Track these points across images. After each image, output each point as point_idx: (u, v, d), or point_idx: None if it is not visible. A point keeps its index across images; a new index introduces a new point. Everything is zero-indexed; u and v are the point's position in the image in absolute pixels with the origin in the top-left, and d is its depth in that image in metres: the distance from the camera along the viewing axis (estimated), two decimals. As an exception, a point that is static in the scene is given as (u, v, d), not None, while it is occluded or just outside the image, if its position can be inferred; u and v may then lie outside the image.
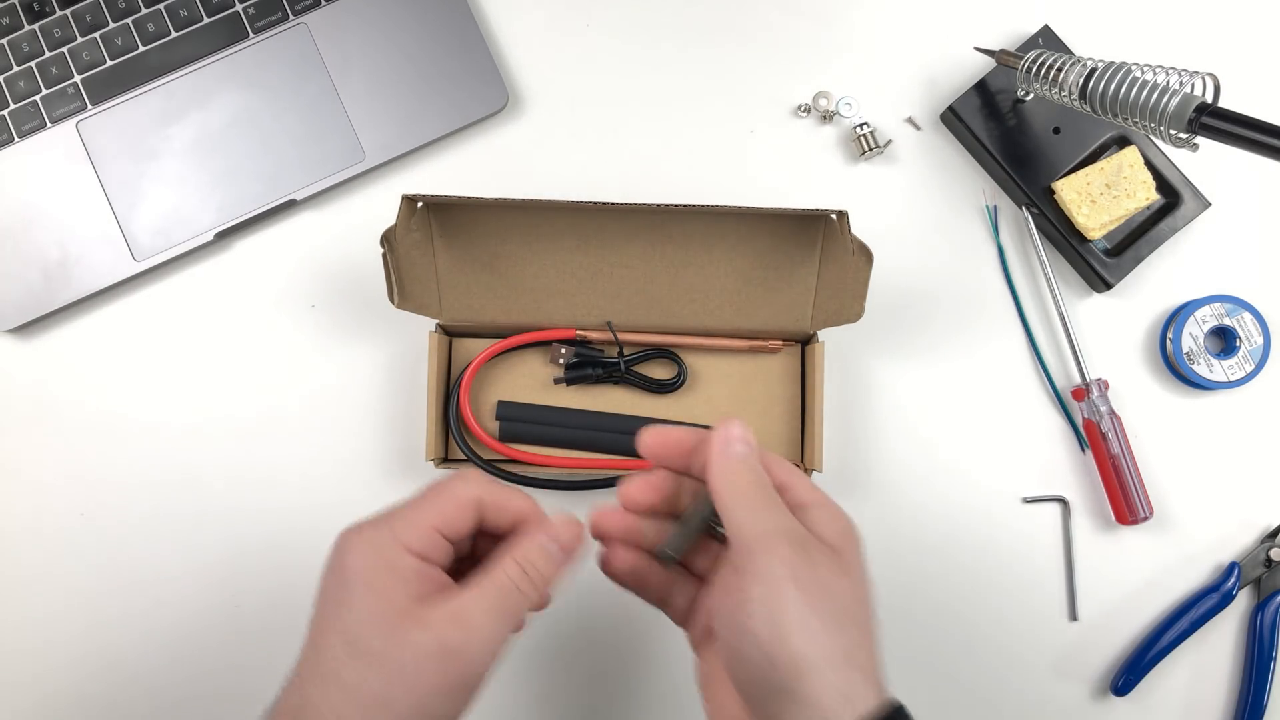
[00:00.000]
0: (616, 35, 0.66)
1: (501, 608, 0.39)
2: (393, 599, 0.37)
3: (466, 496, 0.40)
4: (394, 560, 0.38)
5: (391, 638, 0.37)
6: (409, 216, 0.55)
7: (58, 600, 0.61)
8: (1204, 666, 0.62)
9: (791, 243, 0.59)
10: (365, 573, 0.38)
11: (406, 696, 0.36)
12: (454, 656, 0.37)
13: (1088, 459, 0.63)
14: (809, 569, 0.38)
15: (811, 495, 0.42)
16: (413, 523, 0.39)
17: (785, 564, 0.38)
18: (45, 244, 0.62)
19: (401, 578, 0.38)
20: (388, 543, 0.38)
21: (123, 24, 0.64)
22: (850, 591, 0.39)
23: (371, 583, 0.37)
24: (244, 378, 0.63)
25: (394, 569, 0.38)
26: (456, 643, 0.37)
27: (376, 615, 0.37)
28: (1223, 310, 0.63)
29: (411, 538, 0.38)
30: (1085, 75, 0.55)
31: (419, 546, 0.39)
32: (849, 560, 0.40)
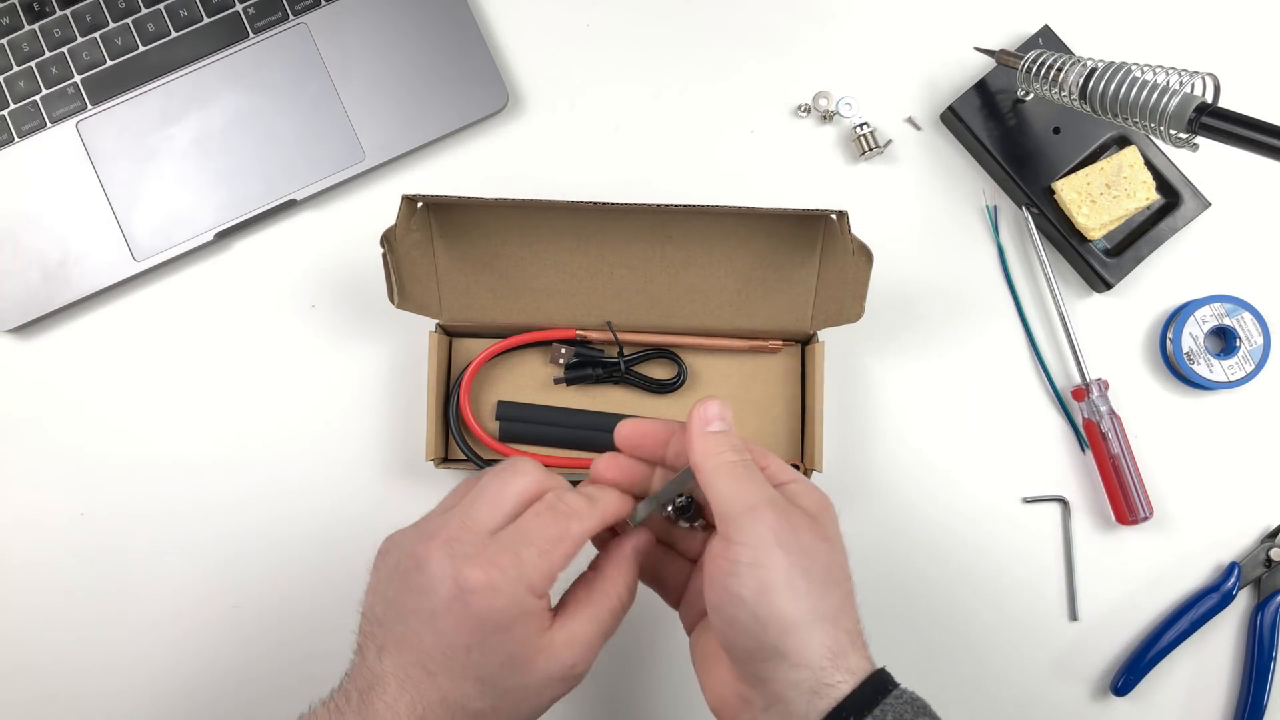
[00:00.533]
0: (616, 35, 0.66)
1: (611, 628, 0.43)
2: (531, 640, 0.40)
3: (587, 536, 0.42)
4: (527, 607, 0.40)
5: (527, 675, 0.40)
6: (409, 216, 0.55)
7: (57, 600, 0.61)
8: (1204, 666, 0.62)
9: (791, 243, 0.59)
10: (507, 617, 0.39)
11: (523, 711, 0.41)
12: (575, 677, 0.41)
13: (1088, 459, 0.63)
14: (792, 534, 0.40)
15: (787, 474, 0.44)
16: (546, 572, 0.40)
17: (770, 529, 0.39)
18: (45, 244, 0.62)
19: (537, 621, 0.40)
20: (522, 593, 0.39)
21: (123, 24, 0.64)
22: (831, 556, 0.41)
23: (513, 628, 0.39)
24: (244, 378, 0.63)
25: (528, 615, 0.40)
26: (580, 667, 0.41)
27: (515, 657, 0.40)
28: (1223, 310, 0.63)
29: (543, 585, 0.40)
30: (1085, 75, 0.55)
31: (546, 590, 0.41)
32: (828, 528, 0.42)
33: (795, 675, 0.38)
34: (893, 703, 0.38)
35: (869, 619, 0.61)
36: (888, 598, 0.62)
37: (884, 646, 0.41)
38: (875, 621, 0.61)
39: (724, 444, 0.42)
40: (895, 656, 0.43)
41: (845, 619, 0.40)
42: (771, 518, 0.40)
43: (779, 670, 0.39)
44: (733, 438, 0.43)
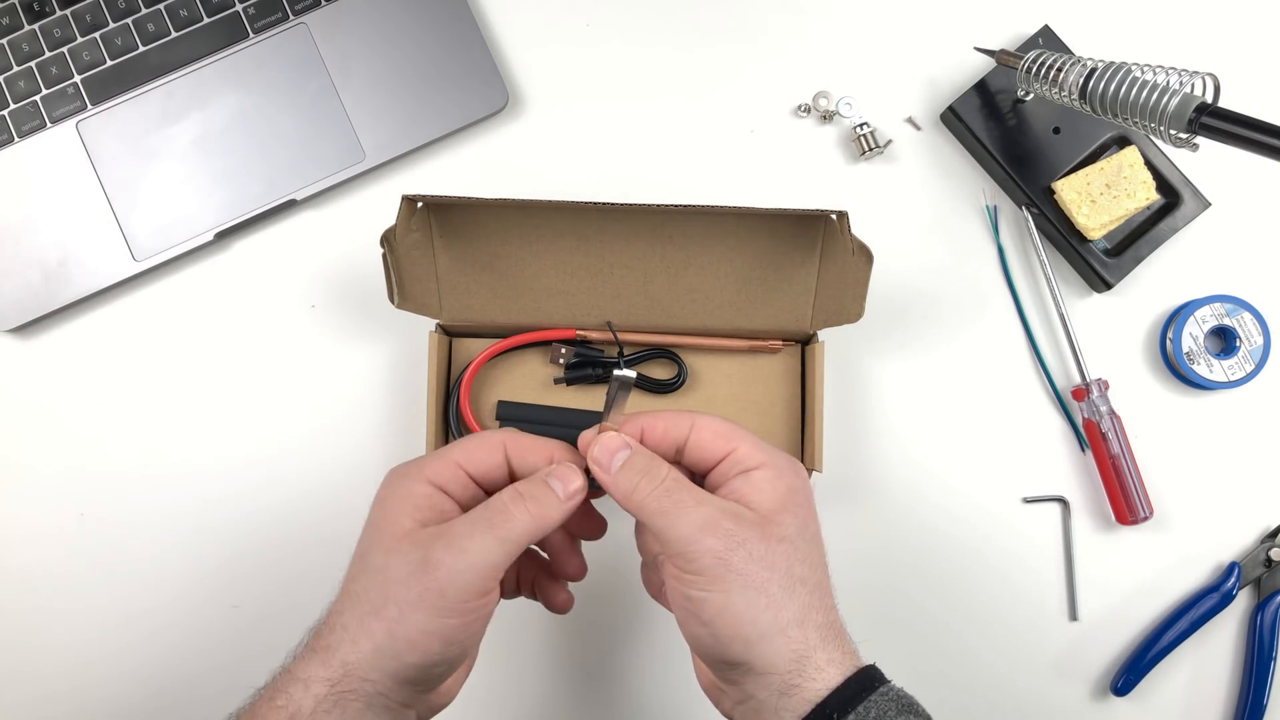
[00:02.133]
0: (616, 35, 0.66)
1: (488, 527, 0.40)
2: (399, 521, 0.40)
3: (494, 439, 0.43)
4: (411, 488, 0.41)
5: (388, 553, 0.40)
6: (409, 216, 0.55)
7: (57, 600, 0.61)
8: (1204, 666, 0.62)
9: (791, 243, 0.59)
10: (385, 499, 0.41)
11: (394, 605, 0.39)
12: (434, 567, 0.39)
13: (1088, 459, 0.63)
14: (740, 551, 0.39)
15: (753, 457, 0.42)
16: (439, 457, 0.42)
17: (714, 555, 0.39)
18: (45, 244, 0.62)
19: (413, 504, 0.41)
20: (412, 472, 0.42)
21: (123, 24, 0.64)
22: (791, 555, 0.40)
23: (387, 507, 0.41)
24: (244, 378, 0.63)
25: (409, 495, 0.41)
26: (435, 555, 0.39)
27: (383, 534, 0.40)
28: (1223, 310, 0.63)
29: (433, 470, 0.41)
30: (1085, 75, 0.55)
31: (438, 479, 0.41)
32: (784, 525, 0.40)
33: (763, 680, 0.39)
34: (877, 700, 0.38)
35: (869, 619, 0.62)
36: (887, 597, 0.62)
37: (884, 646, 0.41)
38: (875, 621, 0.61)
39: (634, 477, 0.41)
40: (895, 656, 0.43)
41: (815, 614, 0.40)
42: (713, 543, 0.39)
43: (747, 677, 0.40)
44: (639, 461, 0.42)
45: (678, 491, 0.41)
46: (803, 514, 0.41)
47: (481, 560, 0.39)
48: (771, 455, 0.42)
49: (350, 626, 0.40)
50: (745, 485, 0.41)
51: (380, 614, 0.39)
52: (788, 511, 0.41)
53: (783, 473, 0.42)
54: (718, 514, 0.40)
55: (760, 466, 0.41)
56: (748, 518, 0.40)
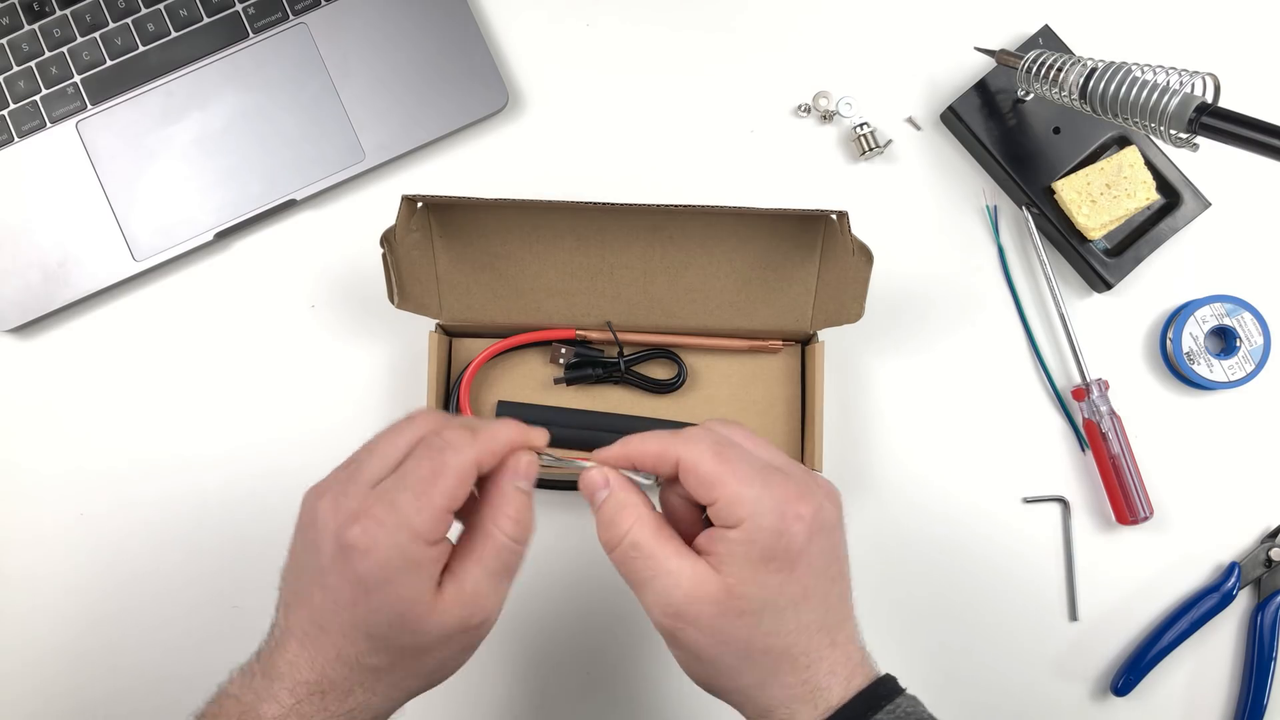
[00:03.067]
0: (616, 35, 0.66)
1: (504, 570, 0.40)
2: (418, 597, 0.38)
3: (466, 467, 0.38)
4: (416, 557, 0.37)
5: (416, 634, 0.38)
6: (409, 216, 0.55)
7: (58, 600, 0.61)
8: (1204, 666, 0.62)
9: (791, 243, 0.59)
10: (387, 573, 0.37)
11: (431, 666, 0.40)
12: (475, 630, 0.39)
13: (1088, 459, 0.63)
14: (690, 631, 0.38)
15: (732, 513, 0.38)
16: (427, 514, 0.37)
17: (667, 631, 0.39)
18: (45, 244, 0.62)
19: (425, 574, 0.38)
20: (407, 541, 0.37)
21: (123, 24, 0.64)
22: (756, 627, 0.38)
23: (396, 585, 0.37)
24: (244, 378, 0.63)
25: (418, 567, 0.37)
26: (476, 619, 0.39)
27: (407, 617, 0.38)
28: (1223, 310, 0.63)
29: (428, 529, 0.37)
30: (1085, 75, 0.55)
31: (436, 535, 0.38)
32: (751, 596, 0.38)
33: (758, 711, 0.40)
34: (883, 718, 0.38)
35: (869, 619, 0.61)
36: (888, 597, 0.62)
37: (883, 646, 0.41)
38: (875, 621, 0.61)
39: (603, 527, 0.40)
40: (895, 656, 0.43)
41: (784, 675, 0.39)
42: (665, 621, 0.38)
43: (744, 706, 0.40)
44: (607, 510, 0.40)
45: (634, 560, 0.39)
46: (778, 580, 0.38)
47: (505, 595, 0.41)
48: (757, 509, 0.37)
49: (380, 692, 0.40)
50: (719, 544, 0.38)
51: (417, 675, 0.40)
52: (754, 583, 0.38)
53: (761, 535, 0.37)
54: (671, 588, 0.38)
55: (737, 525, 0.38)
56: (707, 589, 0.38)
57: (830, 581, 0.40)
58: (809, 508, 0.38)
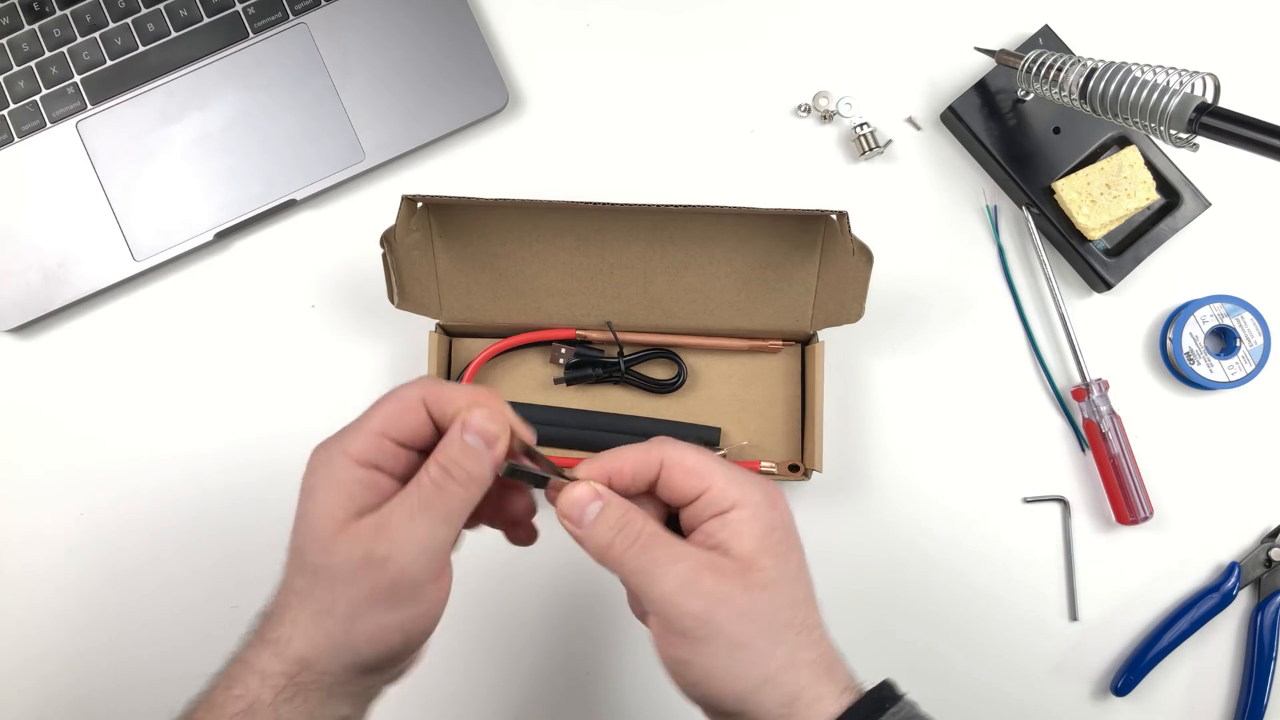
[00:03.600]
0: (616, 35, 0.66)
1: (426, 510, 0.38)
2: (333, 513, 0.38)
3: (410, 396, 0.39)
4: (340, 473, 0.38)
5: (326, 551, 0.38)
6: (409, 216, 0.55)
7: (57, 599, 0.61)
8: (1204, 666, 0.62)
9: (791, 243, 0.59)
10: (316, 488, 0.39)
11: (344, 605, 0.37)
12: (381, 564, 0.37)
13: (1088, 459, 0.63)
14: (724, 610, 0.38)
15: (727, 496, 0.39)
16: (360, 432, 0.39)
17: (696, 619, 0.38)
18: (45, 244, 0.62)
19: (346, 491, 0.38)
20: (337, 455, 0.38)
21: (123, 24, 0.64)
22: (777, 600, 0.38)
23: (318, 497, 0.38)
24: (243, 378, 0.63)
25: (340, 483, 0.38)
26: (381, 551, 0.37)
27: (317, 529, 0.38)
28: (1223, 310, 0.63)
29: (358, 448, 0.38)
30: (1085, 75, 0.55)
31: (367, 456, 0.38)
32: (768, 569, 0.38)
33: (783, 700, 0.38)
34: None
35: (868, 619, 0.62)
36: (887, 597, 0.62)
37: (883, 646, 0.41)
38: (875, 621, 0.61)
39: (608, 533, 0.39)
40: (895, 656, 0.43)
41: (803, 653, 0.39)
42: (694, 604, 0.37)
43: (764, 704, 0.39)
44: (611, 515, 0.39)
45: (653, 548, 0.38)
46: (783, 551, 0.39)
47: (428, 545, 0.37)
48: (746, 491, 0.39)
49: (301, 622, 0.38)
50: (722, 529, 0.39)
51: (332, 613, 0.38)
52: (767, 554, 0.39)
53: (759, 511, 0.39)
54: (695, 570, 0.38)
55: (735, 507, 0.39)
56: (727, 569, 0.38)
57: (806, 569, 0.41)
58: (777, 493, 0.41)
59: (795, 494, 0.62)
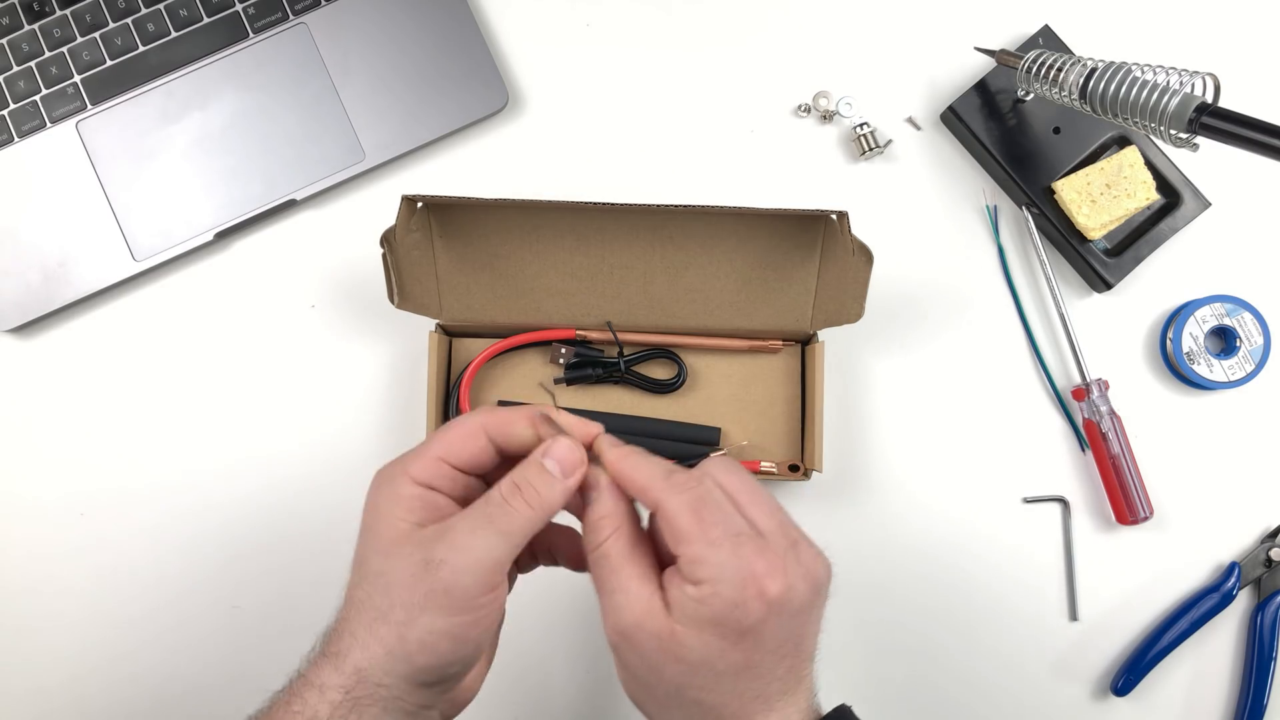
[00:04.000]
0: (616, 35, 0.66)
1: (490, 522, 0.39)
2: (394, 524, 0.39)
3: (470, 423, 0.41)
4: (402, 490, 0.40)
5: (386, 556, 0.39)
6: (409, 216, 0.55)
7: (57, 600, 0.61)
8: (1204, 666, 0.62)
9: (791, 243, 0.59)
10: (379, 503, 0.40)
11: (400, 610, 0.38)
12: (437, 568, 0.38)
13: (1088, 459, 0.63)
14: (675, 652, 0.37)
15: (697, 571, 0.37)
16: (421, 456, 0.41)
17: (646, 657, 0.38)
18: (45, 244, 0.62)
19: (405, 505, 0.40)
20: (397, 474, 0.40)
21: (123, 24, 0.64)
22: (738, 656, 0.37)
23: (381, 510, 0.40)
24: (243, 378, 0.63)
25: (401, 498, 0.40)
26: (439, 555, 0.38)
27: (379, 538, 0.40)
28: (1223, 310, 0.63)
29: (418, 469, 0.40)
30: (1085, 75, 0.55)
31: (423, 476, 0.40)
32: (693, 647, 0.37)
33: None
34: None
35: (868, 619, 0.62)
36: (888, 597, 0.62)
37: (883, 646, 0.41)
38: (875, 621, 0.61)
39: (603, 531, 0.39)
40: (895, 656, 0.43)
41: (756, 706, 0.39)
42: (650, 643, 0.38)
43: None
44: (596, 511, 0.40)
45: (602, 569, 0.39)
46: (721, 648, 0.37)
47: (485, 556, 0.38)
48: (718, 571, 0.37)
49: (359, 633, 0.39)
50: (677, 589, 0.38)
51: (387, 618, 0.38)
52: (702, 637, 0.37)
53: (718, 595, 0.37)
54: (619, 610, 0.38)
55: (699, 583, 0.37)
56: (651, 625, 0.38)
57: (779, 658, 0.39)
58: (777, 587, 0.37)
59: (795, 494, 0.62)
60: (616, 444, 0.42)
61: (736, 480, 0.40)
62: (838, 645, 0.47)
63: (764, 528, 0.38)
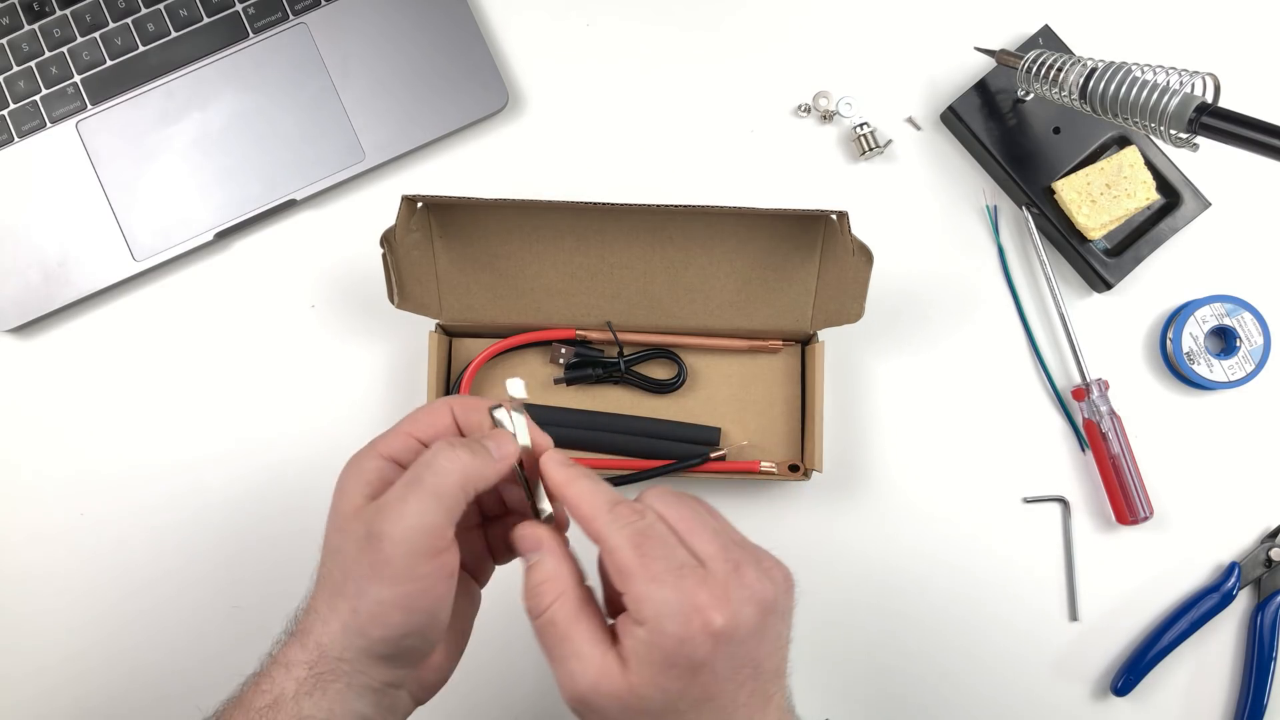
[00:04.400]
0: (616, 35, 0.66)
1: (419, 484, 0.38)
2: (351, 499, 0.40)
3: (439, 402, 0.43)
4: (362, 464, 0.41)
5: (341, 532, 0.40)
6: (409, 216, 0.55)
7: (57, 599, 0.61)
8: (1204, 666, 0.62)
9: (791, 243, 0.59)
10: (341, 481, 0.41)
11: (352, 584, 0.39)
12: (379, 539, 0.38)
13: (1088, 459, 0.63)
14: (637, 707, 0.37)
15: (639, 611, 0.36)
16: (390, 433, 0.42)
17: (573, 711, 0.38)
18: (45, 244, 0.62)
19: (363, 479, 0.41)
20: (365, 451, 0.42)
21: (123, 24, 0.64)
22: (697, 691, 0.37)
23: (342, 488, 0.41)
24: (243, 378, 0.63)
25: (360, 472, 0.41)
26: (379, 526, 0.38)
27: (337, 514, 0.41)
28: (1223, 310, 0.63)
29: (384, 444, 0.42)
30: (1085, 75, 0.55)
31: (389, 451, 0.42)
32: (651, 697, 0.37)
33: None
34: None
35: (868, 619, 0.62)
36: (887, 597, 0.62)
37: (882, 646, 0.41)
38: (875, 621, 0.61)
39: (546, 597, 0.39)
40: (894, 656, 0.43)
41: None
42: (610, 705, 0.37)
43: None
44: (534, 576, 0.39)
45: (550, 636, 0.38)
46: (678, 688, 0.37)
47: (418, 522, 0.38)
48: (661, 607, 0.36)
49: (320, 609, 0.40)
50: (628, 634, 0.37)
51: (342, 592, 0.39)
52: (658, 682, 0.36)
53: (664, 632, 0.36)
54: (574, 677, 0.37)
55: (642, 623, 0.36)
56: (608, 685, 0.37)
57: (738, 685, 0.38)
58: (722, 617, 0.36)
59: (795, 494, 0.62)
60: (564, 464, 0.41)
61: (675, 511, 0.39)
62: (837, 645, 0.47)
63: (705, 555, 0.38)
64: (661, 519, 0.38)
